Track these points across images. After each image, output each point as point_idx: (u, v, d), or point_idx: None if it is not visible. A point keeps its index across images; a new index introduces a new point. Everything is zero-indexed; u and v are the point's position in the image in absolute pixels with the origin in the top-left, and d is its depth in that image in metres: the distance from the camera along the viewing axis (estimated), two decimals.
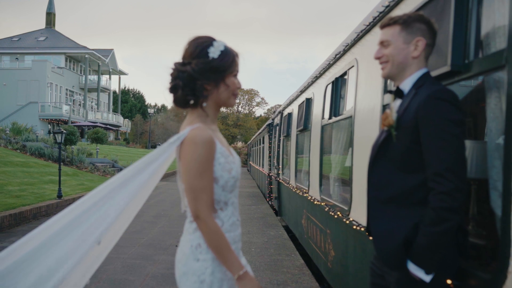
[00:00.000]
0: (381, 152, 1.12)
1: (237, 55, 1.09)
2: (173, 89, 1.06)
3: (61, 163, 7.07)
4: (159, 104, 53.92)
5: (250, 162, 17.56)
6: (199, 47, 1.05)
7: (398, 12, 1.66)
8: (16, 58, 26.85)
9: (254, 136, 13.83)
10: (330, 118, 2.92)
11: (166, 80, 1.07)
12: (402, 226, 1.04)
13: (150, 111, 30.54)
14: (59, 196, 6.56)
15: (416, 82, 1.08)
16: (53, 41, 28.13)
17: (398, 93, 1.12)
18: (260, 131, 10.85)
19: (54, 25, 30.32)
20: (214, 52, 1.04)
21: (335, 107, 2.83)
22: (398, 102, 1.12)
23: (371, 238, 1.15)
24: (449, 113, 0.97)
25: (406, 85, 1.10)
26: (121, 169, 12.41)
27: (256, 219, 6.21)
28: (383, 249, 1.09)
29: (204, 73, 1.04)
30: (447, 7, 1.20)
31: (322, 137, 3.13)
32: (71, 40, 28.68)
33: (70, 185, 8.13)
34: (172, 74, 1.06)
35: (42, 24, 33.65)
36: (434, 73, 1.22)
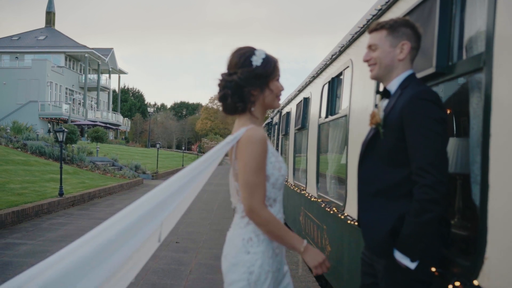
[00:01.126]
0: (369, 149, 1.20)
1: (277, 60, 1.19)
2: (222, 98, 1.16)
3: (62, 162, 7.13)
4: (159, 103, 53.90)
5: None
6: (242, 57, 1.15)
7: (390, 15, 1.73)
8: (16, 57, 26.84)
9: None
10: (326, 117, 2.99)
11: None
12: (389, 217, 1.12)
13: (150, 110, 30.56)
14: (61, 194, 6.63)
15: (402, 83, 1.15)
16: (53, 40, 28.11)
17: (385, 94, 1.20)
18: None
19: (54, 24, 30.29)
20: (257, 61, 1.14)
21: (331, 106, 2.90)
22: (386, 101, 1.19)
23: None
24: (431, 112, 1.04)
25: (392, 86, 1.18)
26: (121, 168, 12.47)
27: None
28: (371, 239, 1.17)
29: (249, 80, 1.13)
30: (432, 13, 1.27)
31: (319, 136, 3.20)
32: (71, 39, 28.67)
33: (71, 183, 8.19)
34: (220, 85, 1.16)
35: (42, 23, 33.61)
36: (420, 74, 1.30)
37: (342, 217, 2.33)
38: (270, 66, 1.16)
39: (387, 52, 1.16)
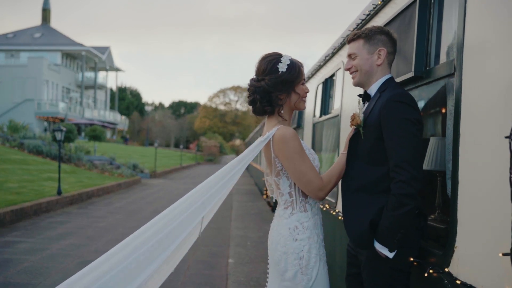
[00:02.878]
0: (351, 148, 1.29)
1: (302, 65, 1.31)
2: (252, 102, 1.29)
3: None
4: (157, 102, 53.72)
5: None
6: (269, 64, 1.27)
7: (378, 19, 1.83)
8: (12, 55, 26.63)
9: (252, 134, 13.96)
10: (320, 116, 3.09)
11: (164, 78, 1.29)
12: (369, 211, 1.21)
13: (147, 108, 30.48)
14: (59, 192, 6.68)
15: (381, 86, 1.25)
16: (49, 38, 27.92)
17: (366, 97, 1.29)
18: (257, 128, 10.98)
19: (49, 21, 30.05)
20: (282, 67, 1.25)
21: (325, 106, 3.00)
22: (367, 104, 1.29)
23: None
24: (406, 114, 1.14)
25: (372, 90, 1.27)
26: (119, 167, 12.50)
27: (252, 215, 6.37)
28: (353, 231, 1.26)
29: (276, 86, 1.25)
30: (412, 22, 1.37)
31: (314, 135, 3.30)
32: (67, 37, 28.48)
33: (69, 182, 8.23)
34: (249, 90, 1.29)
35: (37, 21, 33.29)
36: (401, 79, 1.39)
37: (334, 213, 2.42)
38: (295, 72, 1.26)
39: (365, 59, 1.25)
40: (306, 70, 3.96)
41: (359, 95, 1.32)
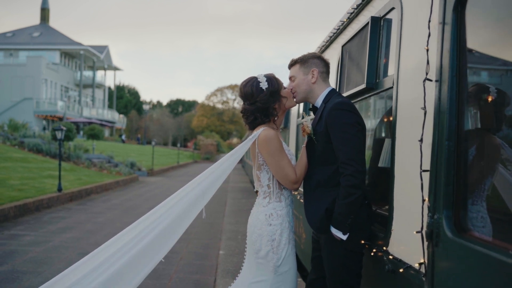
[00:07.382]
0: (307, 153, 1.54)
1: (273, 74, 1.59)
2: (253, 121, 1.56)
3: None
4: (155, 100, 53.77)
5: (245, 159, 17.96)
6: (253, 87, 1.54)
7: (347, 32, 2.07)
8: (10, 54, 26.69)
9: (248, 132, 14.14)
10: (303, 118, 3.33)
11: (161, 77, 1.58)
12: (324, 202, 1.45)
13: (145, 107, 30.61)
14: (59, 189, 6.90)
15: (325, 98, 1.50)
16: (48, 37, 27.96)
17: (315, 109, 1.54)
18: None
19: (48, 21, 30.07)
20: (264, 84, 1.52)
21: (306, 109, 3.24)
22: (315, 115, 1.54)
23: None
24: (346, 118, 1.38)
25: (318, 102, 1.53)
26: (117, 165, 12.71)
27: (245, 211, 6.61)
28: (312, 219, 1.51)
29: (269, 100, 1.52)
30: (365, 42, 1.61)
31: (297, 134, 3.54)
32: (65, 36, 28.52)
33: (68, 180, 8.44)
34: (246, 114, 1.56)
35: (36, 20, 33.25)
36: (355, 89, 1.64)
37: None
38: (274, 82, 1.51)
39: (302, 79, 1.52)
40: None
41: (310, 109, 1.57)
